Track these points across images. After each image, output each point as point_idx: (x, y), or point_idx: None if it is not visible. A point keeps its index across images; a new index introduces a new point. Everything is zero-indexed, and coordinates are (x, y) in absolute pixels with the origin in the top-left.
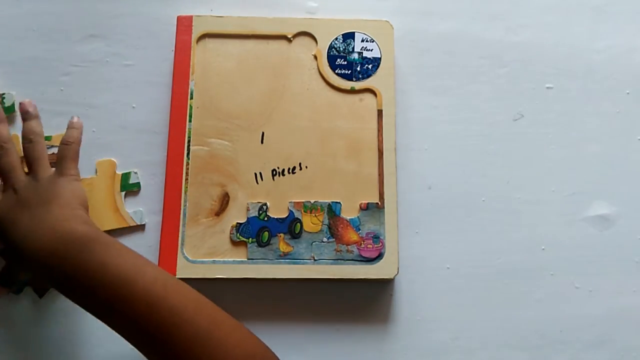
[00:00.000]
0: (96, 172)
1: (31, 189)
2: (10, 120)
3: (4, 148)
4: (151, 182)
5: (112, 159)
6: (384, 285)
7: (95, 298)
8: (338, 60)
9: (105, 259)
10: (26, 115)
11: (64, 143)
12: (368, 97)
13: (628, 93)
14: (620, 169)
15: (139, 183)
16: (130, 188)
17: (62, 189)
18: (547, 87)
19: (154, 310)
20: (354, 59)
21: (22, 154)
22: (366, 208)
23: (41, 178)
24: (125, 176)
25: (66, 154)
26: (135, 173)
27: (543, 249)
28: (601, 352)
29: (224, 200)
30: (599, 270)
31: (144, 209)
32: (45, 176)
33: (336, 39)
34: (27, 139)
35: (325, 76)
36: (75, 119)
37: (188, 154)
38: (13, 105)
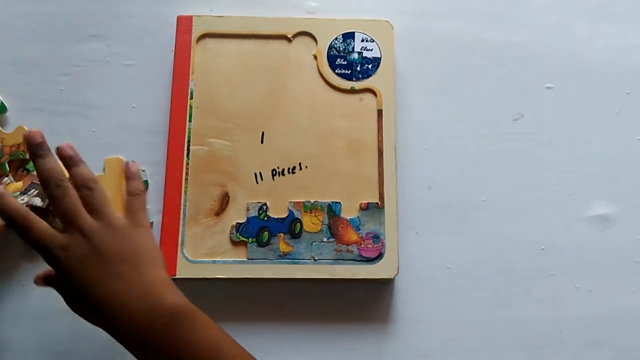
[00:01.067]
0: (104, 169)
1: (107, 237)
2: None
3: (62, 187)
4: (151, 182)
5: (120, 157)
6: (384, 285)
7: None
8: (338, 60)
9: (191, 336)
10: (70, 161)
11: (131, 194)
12: (368, 97)
13: (628, 93)
14: (620, 169)
15: (146, 181)
16: None
17: (144, 244)
18: (547, 87)
19: None
20: (354, 58)
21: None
22: (366, 208)
23: (116, 225)
24: None
25: (138, 205)
26: (143, 171)
27: (543, 249)
28: (601, 352)
29: (224, 200)
30: (599, 270)
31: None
32: (120, 224)
33: (336, 38)
34: (85, 186)
35: (325, 76)
36: (131, 164)
37: (188, 153)
38: (3, 105)
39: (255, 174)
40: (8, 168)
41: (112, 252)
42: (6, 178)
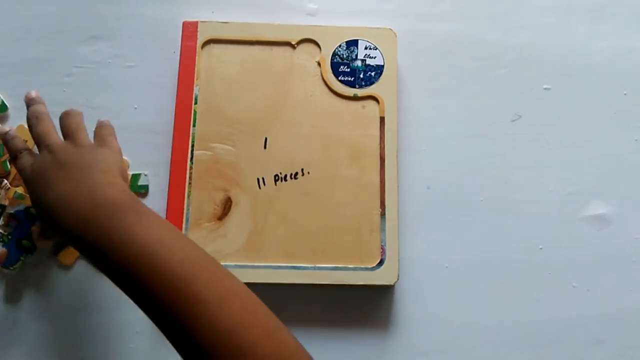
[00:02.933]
0: None
1: (70, 152)
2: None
3: (38, 118)
4: (153, 182)
5: (125, 158)
6: (384, 289)
7: (119, 271)
8: (341, 67)
9: (135, 228)
10: (33, 102)
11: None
12: (371, 104)
13: (626, 94)
14: (618, 169)
15: (147, 185)
16: (138, 189)
17: (104, 156)
18: (545, 88)
19: (174, 296)
20: (357, 66)
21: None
22: None
23: (82, 144)
24: (135, 177)
25: (106, 131)
26: (146, 175)
27: (541, 248)
28: (600, 352)
29: (227, 205)
30: (597, 270)
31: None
32: (87, 143)
33: (340, 46)
34: (64, 113)
35: (329, 83)
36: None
37: (192, 158)
38: (4, 104)
39: (258, 179)
40: (9, 166)
41: (70, 163)
42: (5, 182)
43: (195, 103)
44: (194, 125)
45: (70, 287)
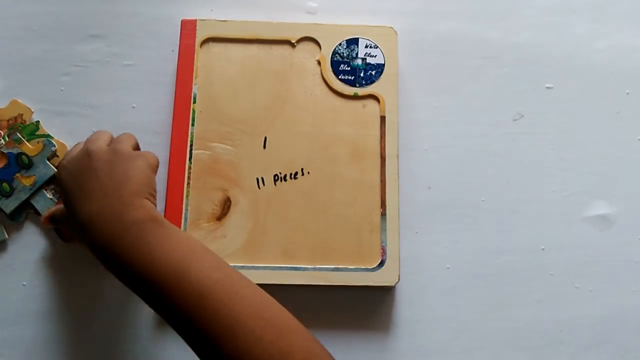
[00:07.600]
0: None
1: (106, 160)
2: None
3: (99, 132)
4: None
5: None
6: (384, 289)
7: (144, 285)
8: (341, 66)
9: (158, 244)
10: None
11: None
12: (371, 103)
13: (628, 93)
14: (620, 169)
15: None
16: None
17: (136, 172)
18: (547, 87)
19: (201, 311)
20: (357, 64)
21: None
22: None
23: (119, 151)
24: None
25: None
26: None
27: (543, 249)
28: (601, 352)
29: (226, 205)
30: (599, 270)
31: None
32: (125, 151)
33: (340, 44)
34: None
35: (329, 82)
36: None
37: (190, 158)
38: None
39: (257, 179)
40: (8, 140)
41: (104, 174)
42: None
43: (194, 102)
44: (192, 125)
45: (68, 289)
